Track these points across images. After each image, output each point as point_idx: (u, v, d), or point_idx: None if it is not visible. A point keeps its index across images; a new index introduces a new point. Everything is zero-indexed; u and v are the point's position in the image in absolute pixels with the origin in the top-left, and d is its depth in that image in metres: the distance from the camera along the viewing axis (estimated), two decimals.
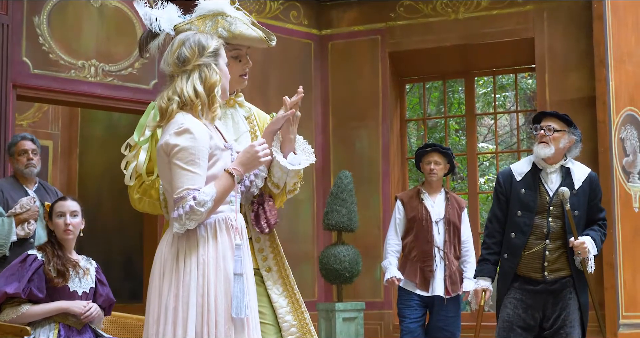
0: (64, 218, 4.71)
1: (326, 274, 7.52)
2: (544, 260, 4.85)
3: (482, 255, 5.05)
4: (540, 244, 4.84)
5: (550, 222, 4.85)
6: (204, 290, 3.06)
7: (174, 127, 3.09)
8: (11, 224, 5.63)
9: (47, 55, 7.04)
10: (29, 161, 6.09)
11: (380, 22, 8.60)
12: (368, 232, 8.16)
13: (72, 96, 7.20)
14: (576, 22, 7.85)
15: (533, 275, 4.87)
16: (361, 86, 8.57)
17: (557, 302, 4.87)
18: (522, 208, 4.90)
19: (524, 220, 4.88)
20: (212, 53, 3.22)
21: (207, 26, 3.40)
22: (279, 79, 8.24)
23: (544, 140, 4.87)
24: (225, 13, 3.42)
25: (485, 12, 8.25)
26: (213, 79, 3.19)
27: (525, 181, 4.94)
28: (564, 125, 4.91)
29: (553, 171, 4.93)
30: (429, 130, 14.89)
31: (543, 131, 4.88)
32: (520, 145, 10.01)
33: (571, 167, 4.96)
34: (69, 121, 9.43)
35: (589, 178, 4.96)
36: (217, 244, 3.12)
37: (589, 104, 7.65)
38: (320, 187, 8.48)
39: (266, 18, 8.35)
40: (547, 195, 4.88)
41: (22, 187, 6.10)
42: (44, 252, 4.63)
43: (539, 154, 4.88)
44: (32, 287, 4.49)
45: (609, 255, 7.27)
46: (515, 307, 4.88)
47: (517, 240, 4.88)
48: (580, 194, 4.89)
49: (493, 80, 10.40)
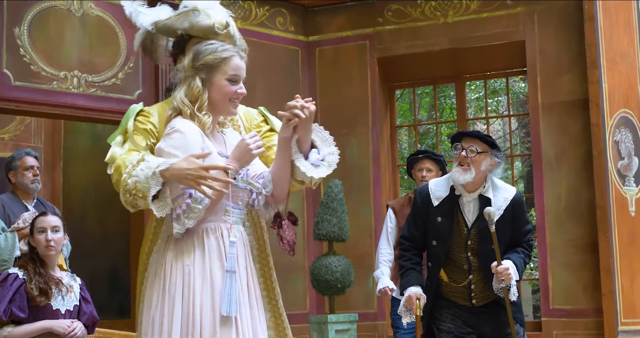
0: (45, 234, 4.68)
1: (317, 285, 7.52)
2: (470, 291, 4.68)
3: (405, 266, 4.73)
4: (465, 279, 4.65)
5: (470, 256, 4.63)
6: (189, 301, 3.10)
7: (167, 129, 3.25)
8: (14, 239, 5.68)
9: (28, 67, 7.03)
10: (35, 177, 6.30)
11: (368, 27, 8.62)
12: (360, 241, 8.17)
13: (54, 108, 7.18)
14: (567, 24, 7.88)
15: (460, 302, 4.71)
16: (350, 93, 8.58)
17: (491, 320, 4.70)
18: (437, 238, 4.64)
19: (438, 250, 4.64)
20: (203, 65, 3.26)
21: (178, 20, 3.59)
22: (266, 86, 8.24)
23: (464, 163, 4.53)
24: (197, 7, 3.57)
25: (475, 15, 8.28)
26: (195, 92, 3.27)
27: (442, 208, 4.64)
28: (486, 147, 4.57)
29: (470, 200, 4.63)
30: (420, 136, 14.93)
31: (465, 152, 4.54)
32: (513, 150, 10.04)
33: (490, 196, 4.62)
34: (51, 134, 9.42)
35: (512, 204, 4.64)
36: (203, 254, 3.16)
37: (582, 107, 7.68)
38: (309, 196, 8.49)
39: (252, 25, 8.38)
40: (465, 227, 4.63)
41: (21, 203, 6.25)
42: (25, 270, 4.60)
43: (458, 179, 4.55)
44: (12, 308, 4.46)
45: (606, 260, 7.29)
46: (454, 320, 4.71)
47: (432, 271, 4.70)
48: (501, 223, 4.56)
49: (484, 85, 10.44)
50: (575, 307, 7.62)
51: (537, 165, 7.94)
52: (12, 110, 7.21)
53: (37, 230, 4.72)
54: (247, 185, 3.35)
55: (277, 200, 3.44)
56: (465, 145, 4.57)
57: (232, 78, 3.33)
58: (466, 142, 4.59)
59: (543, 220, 7.82)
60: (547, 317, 7.73)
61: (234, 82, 3.34)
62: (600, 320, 7.37)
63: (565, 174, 7.79)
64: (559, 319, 7.66)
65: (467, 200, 4.62)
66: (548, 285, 7.74)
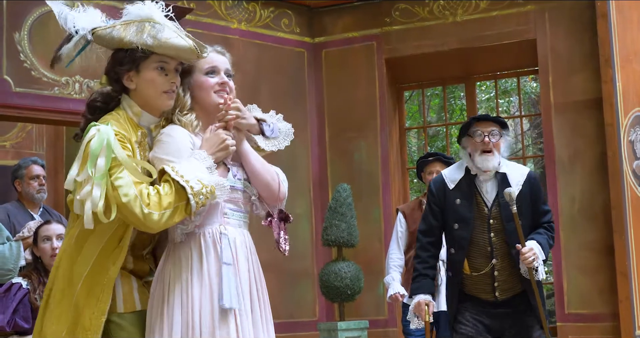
0: (51, 242, 4.70)
1: (327, 292, 7.49)
2: (493, 280, 4.60)
3: (418, 271, 4.70)
4: (488, 265, 4.58)
5: (492, 237, 4.59)
6: (187, 304, 3.09)
7: (157, 137, 3.25)
8: (19, 248, 5.69)
9: (29, 73, 7.01)
10: (40, 186, 6.32)
11: (375, 28, 8.59)
12: (369, 246, 8.13)
13: (56, 114, 7.16)
14: (579, 22, 7.84)
15: (483, 296, 4.64)
16: (358, 95, 8.55)
17: (514, 323, 4.64)
18: (459, 221, 4.61)
19: (461, 233, 4.59)
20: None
21: (130, 31, 3.19)
22: (271, 90, 8.22)
23: (488, 148, 4.57)
24: (154, 19, 3.21)
25: (485, 13, 8.24)
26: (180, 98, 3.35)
27: (460, 189, 4.65)
28: (501, 129, 4.65)
29: (487, 179, 4.63)
30: (429, 138, 14.89)
31: (487, 138, 4.57)
32: (525, 151, 10.00)
33: (506, 171, 4.64)
34: (54, 140, 9.41)
35: (528, 180, 4.65)
36: (200, 257, 3.15)
37: (595, 106, 7.63)
38: (318, 201, 8.46)
39: (256, 26, 8.35)
40: (485, 206, 4.61)
41: (27, 211, 6.28)
42: (29, 279, 4.61)
43: (487, 166, 4.56)
44: (16, 318, 4.47)
45: (622, 264, 7.24)
46: (475, 325, 4.63)
47: (457, 256, 4.62)
48: (521, 200, 4.54)
49: (495, 85, 10.40)
50: (591, 311, 7.57)
51: (550, 166, 7.90)
52: (13, 117, 7.19)
53: (42, 239, 4.74)
54: (244, 187, 3.33)
55: (269, 202, 3.41)
56: (485, 131, 4.59)
57: (209, 70, 3.33)
58: (485, 127, 4.61)
59: (557, 223, 7.75)
60: (562, 322, 7.68)
61: (212, 74, 3.34)
62: (616, 324, 7.33)
63: (579, 175, 7.74)
64: (574, 324, 7.62)
65: (484, 178, 4.63)
66: (563, 289, 7.69)
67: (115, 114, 3.25)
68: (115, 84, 3.31)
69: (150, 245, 3.37)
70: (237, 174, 3.31)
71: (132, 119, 3.26)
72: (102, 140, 3.06)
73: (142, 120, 3.29)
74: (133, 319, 3.21)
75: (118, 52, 3.26)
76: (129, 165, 3.06)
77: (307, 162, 8.45)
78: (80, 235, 3.17)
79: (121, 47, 3.24)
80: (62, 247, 3.21)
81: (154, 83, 3.23)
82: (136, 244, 3.27)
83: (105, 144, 3.05)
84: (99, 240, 3.14)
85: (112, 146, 3.06)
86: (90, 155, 3.05)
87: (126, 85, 3.28)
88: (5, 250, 5.61)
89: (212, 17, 8.03)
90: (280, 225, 3.45)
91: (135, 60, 3.22)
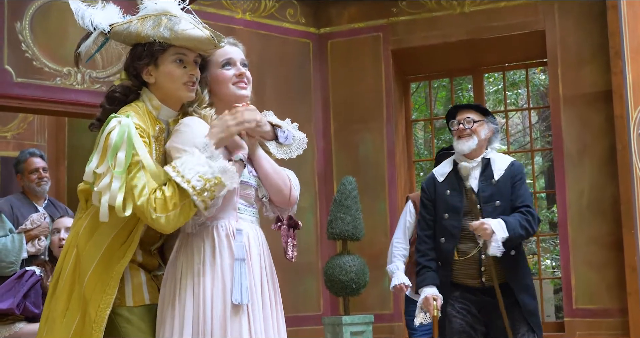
0: (59, 234, 4.84)
1: (331, 286, 7.51)
2: (480, 264, 4.82)
3: (421, 263, 4.96)
4: (475, 248, 4.80)
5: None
6: (200, 301, 3.12)
7: (175, 127, 3.29)
8: (22, 241, 5.74)
9: (30, 63, 7.03)
10: (40, 179, 6.36)
11: (381, 18, 8.60)
12: (375, 240, 8.16)
13: (58, 105, 7.18)
14: (589, 13, 7.84)
15: (470, 282, 4.85)
16: (363, 87, 8.57)
17: (501, 316, 4.80)
18: (449, 211, 4.91)
19: (452, 222, 4.87)
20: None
21: (147, 25, 3.24)
22: (276, 81, 8.24)
23: (464, 135, 4.91)
24: (170, 12, 3.27)
25: (493, 4, 8.24)
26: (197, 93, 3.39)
27: (449, 181, 4.97)
28: (481, 115, 4.98)
29: (475, 166, 4.95)
30: (436, 131, 14.90)
31: (462, 125, 4.92)
32: (533, 144, 10.02)
33: (492, 157, 4.98)
34: (55, 131, 9.44)
35: (511, 165, 4.96)
36: (214, 250, 3.18)
37: (605, 99, 7.64)
38: (322, 194, 8.48)
39: (261, 17, 8.37)
40: (473, 192, 4.89)
41: (31, 204, 6.32)
42: (43, 267, 4.73)
43: (462, 149, 4.92)
44: (27, 303, 4.54)
45: (631, 258, 7.25)
46: (464, 316, 4.85)
47: (447, 245, 4.86)
48: (501, 184, 4.88)
49: (503, 77, 10.41)
50: (599, 306, 7.60)
51: (558, 159, 7.91)
52: (14, 107, 7.21)
53: (52, 231, 4.91)
54: (256, 183, 3.36)
55: (280, 205, 3.45)
56: (460, 119, 4.93)
57: (225, 63, 3.36)
58: (460, 115, 4.97)
59: (565, 217, 7.78)
60: (570, 317, 7.70)
61: (228, 65, 3.37)
62: (625, 320, 7.34)
63: (588, 169, 7.75)
64: (582, 319, 7.64)
65: (472, 165, 4.94)
66: (571, 284, 7.71)
67: (135, 105, 3.29)
68: (134, 79, 3.35)
69: (158, 242, 3.41)
70: (253, 171, 3.35)
71: (151, 112, 3.31)
72: (123, 132, 3.10)
73: (161, 114, 3.33)
74: (142, 313, 3.24)
75: (136, 47, 3.31)
76: (149, 164, 3.11)
77: (312, 154, 8.47)
78: (90, 226, 3.22)
79: (139, 41, 3.28)
80: (69, 238, 3.26)
81: (172, 76, 3.27)
82: (144, 241, 3.31)
83: (126, 137, 3.09)
84: (109, 232, 3.18)
85: (133, 140, 3.10)
86: (110, 148, 3.09)
87: (145, 80, 3.32)
88: (8, 242, 5.67)
89: (216, 7, 8.04)
90: (289, 232, 3.50)
91: (154, 54, 3.26)
